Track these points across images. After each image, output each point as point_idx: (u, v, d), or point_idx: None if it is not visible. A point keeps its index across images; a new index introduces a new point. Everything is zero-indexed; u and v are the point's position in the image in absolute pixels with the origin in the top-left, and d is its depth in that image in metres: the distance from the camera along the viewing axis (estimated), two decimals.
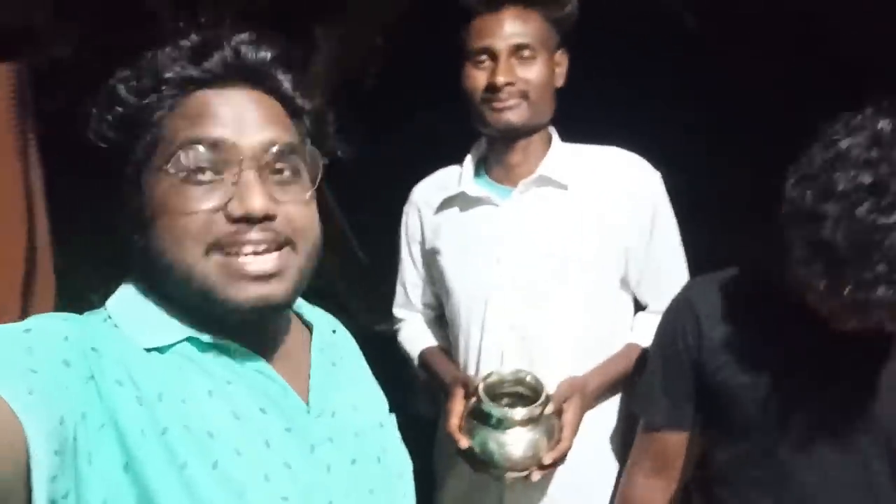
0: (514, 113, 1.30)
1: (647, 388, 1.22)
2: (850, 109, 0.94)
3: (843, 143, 0.89)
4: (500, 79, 1.28)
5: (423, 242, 1.51)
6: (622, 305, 1.43)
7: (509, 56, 1.29)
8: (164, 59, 0.71)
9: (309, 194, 0.74)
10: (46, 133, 1.53)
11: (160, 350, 0.69)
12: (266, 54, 0.73)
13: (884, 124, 0.88)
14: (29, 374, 0.59)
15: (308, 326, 0.84)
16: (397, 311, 1.61)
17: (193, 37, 0.72)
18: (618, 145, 1.43)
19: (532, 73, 1.30)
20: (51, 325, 0.66)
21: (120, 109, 0.71)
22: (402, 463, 0.86)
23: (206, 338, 0.71)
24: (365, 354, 0.93)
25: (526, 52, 1.30)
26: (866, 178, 0.86)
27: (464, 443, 1.24)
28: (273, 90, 0.74)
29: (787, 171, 0.98)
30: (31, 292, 1.48)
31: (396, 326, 1.62)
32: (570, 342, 1.35)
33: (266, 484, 0.68)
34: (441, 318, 1.57)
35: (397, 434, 0.88)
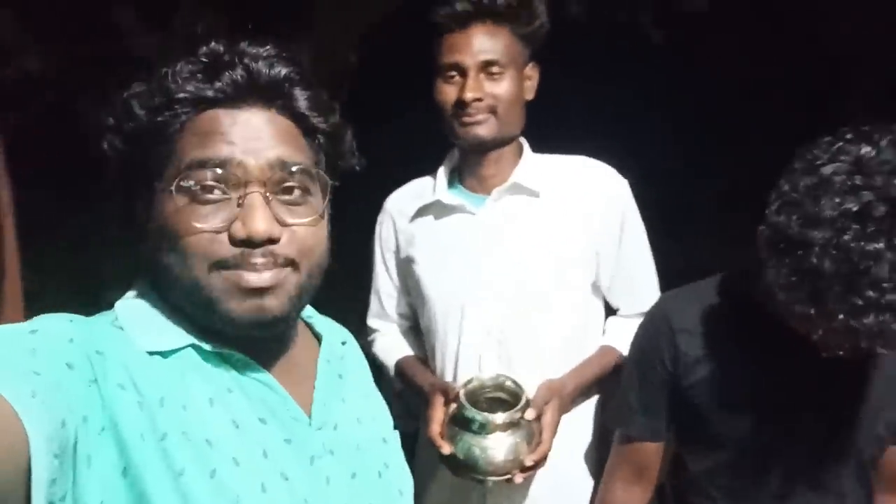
0: (482, 127, 1.33)
1: (623, 402, 1.22)
2: (825, 114, 0.95)
3: (826, 170, 0.89)
4: (469, 95, 1.30)
5: (397, 251, 1.52)
6: (594, 309, 1.46)
7: (478, 72, 1.32)
8: (178, 76, 0.71)
9: (318, 214, 0.74)
10: (14, 145, 1.51)
11: (163, 355, 0.70)
12: (280, 72, 0.72)
13: (865, 150, 0.89)
14: (32, 377, 0.59)
15: (317, 337, 0.85)
16: (371, 321, 1.62)
17: (207, 51, 0.72)
18: (586, 153, 1.46)
19: (500, 88, 1.33)
20: (56, 327, 0.66)
21: (133, 125, 0.71)
22: (403, 479, 0.85)
23: (208, 346, 0.71)
24: None
25: (494, 69, 1.32)
26: (852, 205, 0.86)
27: (446, 449, 1.25)
28: (287, 108, 0.73)
29: (751, 177, 0.99)
30: None
31: (371, 337, 1.62)
32: (546, 345, 1.37)
33: (262, 495, 0.68)
34: (415, 328, 1.58)
35: (400, 450, 0.88)
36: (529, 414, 1.26)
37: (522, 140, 1.44)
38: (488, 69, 1.32)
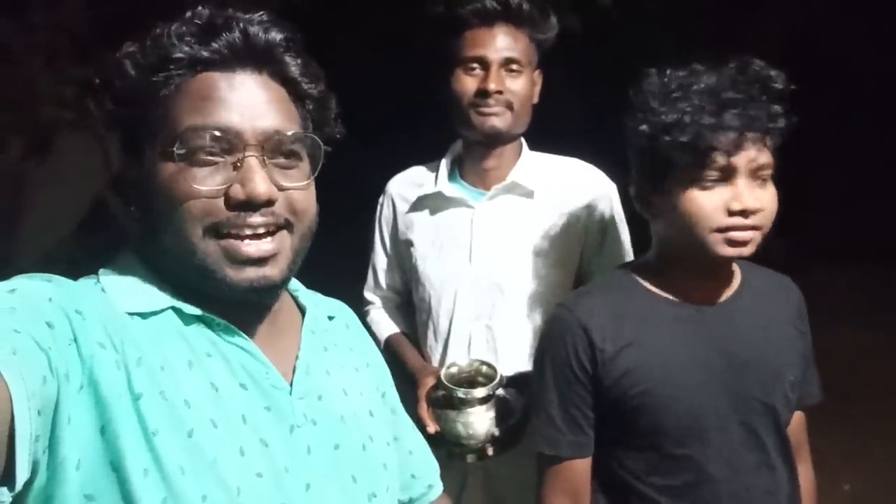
0: (499, 119, 1.44)
1: (546, 422, 1.18)
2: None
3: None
4: (492, 86, 1.41)
5: (395, 233, 1.62)
6: None
7: (500, 67, 1.42)
8: (173, 37, 0.71)
9: (309, 178, 0.76)
10: None
11: (142, 316, 0.70)
12: (275, 37, 0.74)
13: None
14: (12, 334, 0.59)
15: (302, 310, 0.86)
16: (367, 294, 1.72)
17: (203, 14, 0.72)
18: (579, 155, 1.57)
19: (518, 85, 1.43)
20: (35, 287, 0.66)
21: (124, 84, 0.71)
22: (388, 454, 0.86)
23: (189, 309, 0.72)
24: None
25: (514, 66, 1.43)
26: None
27: (432, 427, 1.37)
28: (278, 74, 0.75)
29: None
30: None
31: (366, 308, 1.73)
32: (528, 333, 1.49)
33: (240, 458, 0.69)
34: (406, 303, 1.69)
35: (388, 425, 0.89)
36: (501, 392, 1.38)
37: (522, 140, 1.55)
38: (509, 66, 1.43)
